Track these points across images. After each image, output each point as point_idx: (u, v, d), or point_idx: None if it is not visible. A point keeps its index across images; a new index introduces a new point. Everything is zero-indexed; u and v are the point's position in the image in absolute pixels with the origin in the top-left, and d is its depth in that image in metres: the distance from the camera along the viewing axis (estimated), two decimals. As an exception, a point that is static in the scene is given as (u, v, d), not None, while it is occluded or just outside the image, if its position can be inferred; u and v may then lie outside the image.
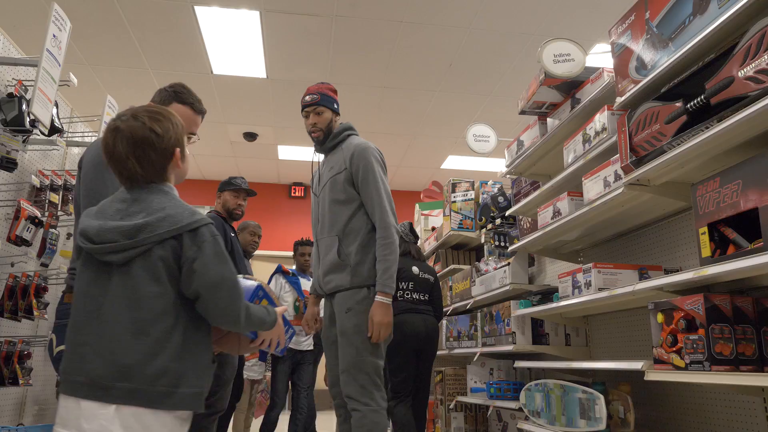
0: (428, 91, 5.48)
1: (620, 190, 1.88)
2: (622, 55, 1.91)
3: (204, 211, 3.22)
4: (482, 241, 3.81)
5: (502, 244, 3.67)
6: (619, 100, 1.90)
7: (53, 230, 2.32)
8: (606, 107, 2.02)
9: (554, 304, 2.37)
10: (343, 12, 4.29)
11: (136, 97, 5.60)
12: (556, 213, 2.38)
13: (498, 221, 3.55)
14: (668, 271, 2.12)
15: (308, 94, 2.23)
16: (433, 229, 4.73)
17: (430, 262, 4.68)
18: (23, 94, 2.08)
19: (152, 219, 1.14)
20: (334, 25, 4.45)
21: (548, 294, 2.82)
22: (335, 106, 2.26)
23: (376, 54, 4.85)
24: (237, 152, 7.16)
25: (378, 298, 1.99)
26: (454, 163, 7.33)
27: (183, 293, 1.16)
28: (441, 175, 7.59)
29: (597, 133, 2.07)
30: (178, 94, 1.75)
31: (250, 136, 6.58)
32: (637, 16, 1.83)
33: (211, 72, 5.14)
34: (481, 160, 7.21)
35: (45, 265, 2.35)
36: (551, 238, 2.59)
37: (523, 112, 2.57)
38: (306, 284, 4.06)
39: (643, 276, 2.12)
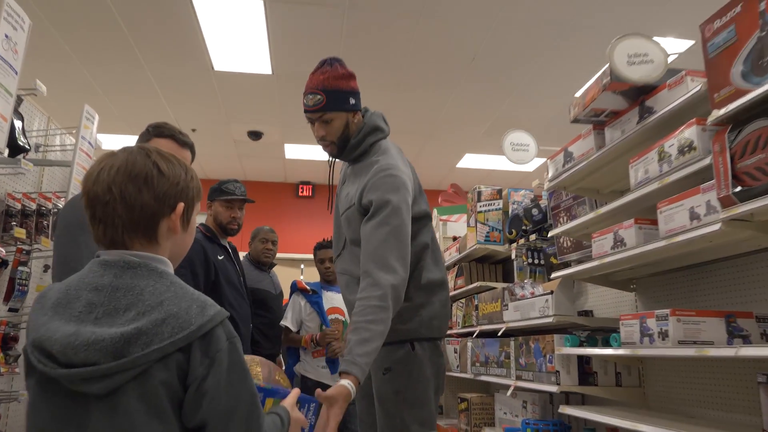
0: (447, 87, 5.08)
1: (717, 227, 1.51)
2: (720, 57, 1.52)
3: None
4: (512, 256, 3.44)
5: (536, 261, 3.29)
6: (717, 113, 1.51)
7: (23, 268, 1.97)
8: (695, 121, 1.63)
9: (614, 351, 2.01)
10: (355, 2, 3.89)
11: (132, 96, 5.23)
12: (618, 242, 2.00)
13: (533, 236, 3.18)
14: (760, 319, 1.76)
15: (309, 91, 1.64)
16: (455, 238, 4.36)
17: (451, 274, 4.32)
18: (-17, 106, 1.73)
19: (147, 323, 0.78)
20: (346, 17, 4.05)
21: (599, 331, 2.46)
22: (351, 102, 1.65)
23: (391, 48, 4.45)
24: (241, 151, 6.80)
25: (343, 382, 1.33)
26: (471, 162, 6.94)
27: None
28: (457, 174, 7.21)
29: (681, 152, 1.69)
30: (156, 128, 1.51)
31: (255, 135, 6.21)
32: (745, 7, 1.45)
33: (212, 68, 4.76)
34: (499, 159, 6.82)
35: (14, 310, 2.00)
36: (607, 268, 2.23)
37: (576, 121, 2.19)
38: (332, 299, 3.39)
39: (731, 325, 1.75)
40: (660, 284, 2.33)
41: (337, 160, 1.83)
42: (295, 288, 3.44)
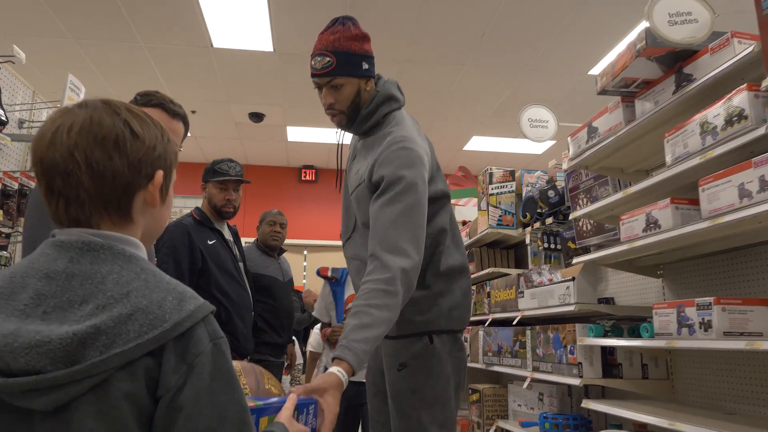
0: (455, 65, 4.88)
1: (773, 205, 1.34)
2: (780, 11, 1.34)
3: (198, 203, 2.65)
4: (527, 241, 3.28)
5: (552, 246, 3.13)
6: (776, 76, 1.34)
7: (3, 252, 1.82)
8: (746, 86, 1.45)
9: (647, 343, 1.85)
10: (362, -27, 3.69)
11: (128, 74, 5.05)
12: (652, 224, 1.83)
13: (549, 220, 3.01)
14: (813, 307, 1.59)
15: (317, 53, 1.46)
16: (464, 223, 4.20)
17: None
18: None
19: (108, 320, 0.62)
20: (351, -11, 3.85)
21: (624, 320, 2.30)
22: (364, 67, 1.48)
23: (399, 22, 4.24)
24: (242, 134, 6.62)
25: (333, 369, 1.16)
26: (478, 144, 6.74)
27: None
28: (463, 157, 7.02)
29: (728, 122, 1.52)
30: (145, 95, 1.38)
31: (257, 117, 6.02)
32: (814, -48, 1.26)
33: (211, 45, 4.57)
34: (507, 142, 6.63)
35: (-7, 298, 1.85)
36: (636, 252, 2.06)
37: (603, 92, 2.01)
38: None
39: (781, 314, 1.59)
40: (690, 270, 2.16)
41: (346, 133, 1.66)
42: (319, 274, 3.26)
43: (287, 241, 3.34)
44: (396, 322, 1.37)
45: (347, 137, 1.69)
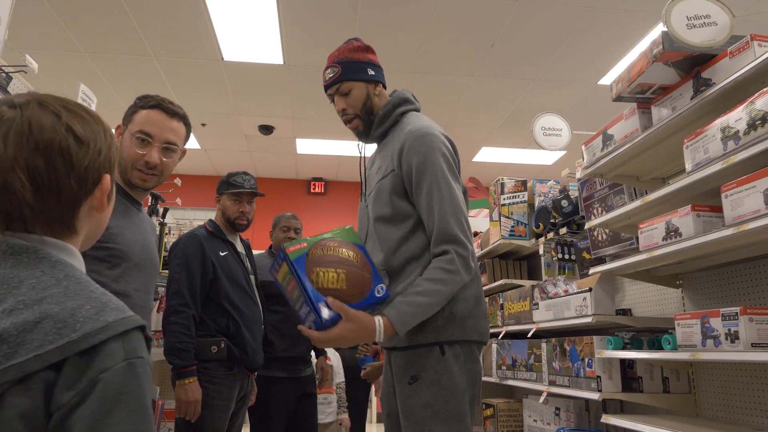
0: (465, 76, 4.86)
1: (802, 211, 1.29)
2: (805, 11, 1.30)
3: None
4: (540, 252, 3.23)
5: (566, 256, 3.08)
6: (802, 77, 1.30)
7: None
8: (772, 89, 1.41)
9: (671, 355, 1.79)
10: (371, -15, 3.70)
11: (139, 87, 5.08)
12: (672, 233, 1.78)
13: (563, 230, 2.96)
14: (844, 317, 1.53)
15: (326, 67, 1.57)
16: (476, 234, 4.15)
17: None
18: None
19: (10, 326, 0.55)
20: (360, 2, 3.86)
21: (644, 332, 2.24)
22: (370, 73, 1.55)
23: (408, 34, 4.24)
24: (252, 146, 6.64)
25: (377, 318, 1.29)
26: (487, 155, 6.71)
27: None
28: (473, 169, 6.99)
29: (751, 126, 1.47)
30: (143, 98, 1.41)
31: (266, 129, 6.04)
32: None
33: (222, 58, 4.59)
34: (517, 153, 6.59)
35: None
36: (656, 261, 2.01)
37: (619, 99, 1.98)
38: None
39: (811, 325, 1.53)
40: (711, 279, 2.10)
41: (365, 146, 1.67)
42: None
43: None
44: (407, 332, 1.36)
45: (368, 150, 1.70)
